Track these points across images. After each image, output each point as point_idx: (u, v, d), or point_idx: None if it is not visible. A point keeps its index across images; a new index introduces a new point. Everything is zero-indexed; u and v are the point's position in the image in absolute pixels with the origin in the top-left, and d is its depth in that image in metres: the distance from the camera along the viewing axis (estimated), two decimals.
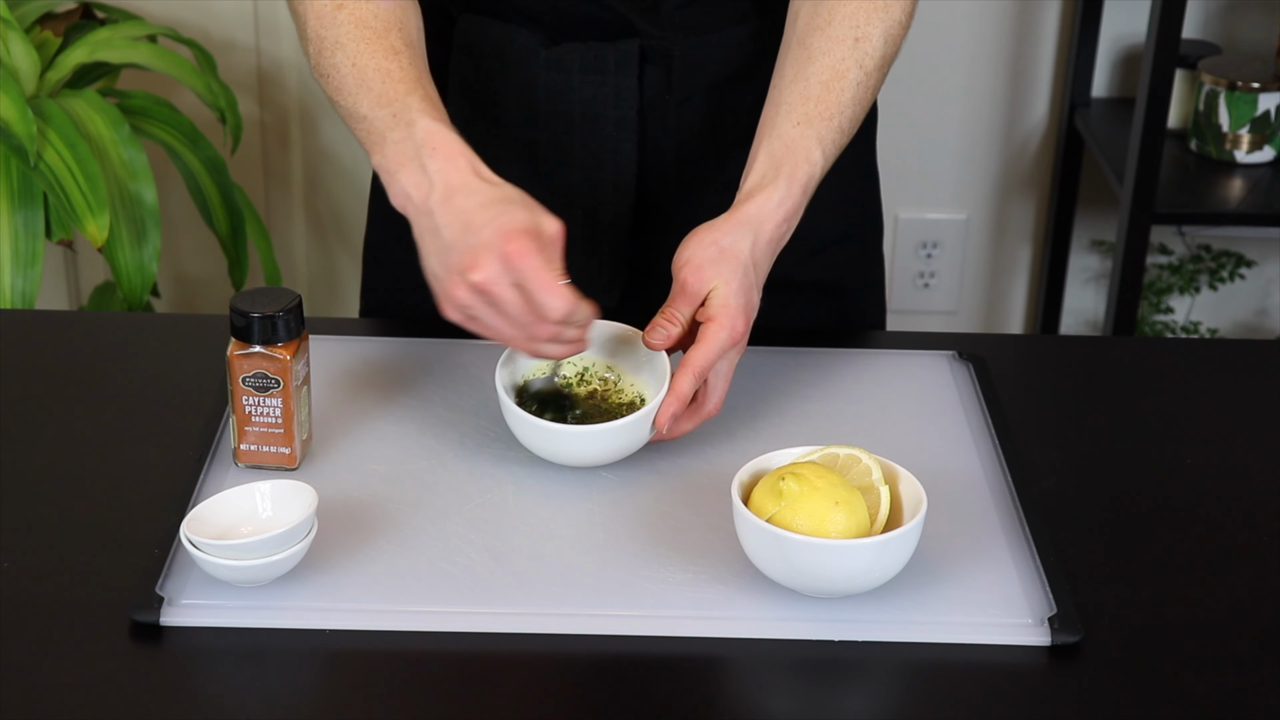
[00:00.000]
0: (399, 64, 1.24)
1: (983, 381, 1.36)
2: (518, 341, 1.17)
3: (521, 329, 1.16)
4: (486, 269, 1.13)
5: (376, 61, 1.24)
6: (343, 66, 1.25)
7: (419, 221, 1.18)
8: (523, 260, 1.12)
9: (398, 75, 1.23)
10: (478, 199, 1.16)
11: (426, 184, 1.17)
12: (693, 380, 1.20)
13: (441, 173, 1.17)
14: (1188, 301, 2.69)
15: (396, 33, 1.26)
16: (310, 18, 1.28)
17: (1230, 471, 1.28)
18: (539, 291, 1.13)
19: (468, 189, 1.17)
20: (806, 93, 1.27)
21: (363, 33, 1.26)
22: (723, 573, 1.13)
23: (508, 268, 1.12)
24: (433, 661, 1.07)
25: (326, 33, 1.27)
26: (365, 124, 1.23)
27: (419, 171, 1.18)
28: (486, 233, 1.13)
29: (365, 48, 1.25)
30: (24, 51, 2.07)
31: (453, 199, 1.16)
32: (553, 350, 1.19)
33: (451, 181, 1.17)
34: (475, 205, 1.15)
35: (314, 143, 2.57)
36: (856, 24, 1.28)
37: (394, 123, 1.21)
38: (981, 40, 2.56)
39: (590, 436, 1.20)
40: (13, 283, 1.97)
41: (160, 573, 1.11)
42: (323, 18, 1.27)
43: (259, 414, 1.20)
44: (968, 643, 1.08)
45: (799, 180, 1.24)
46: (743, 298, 1.21)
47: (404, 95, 1.22)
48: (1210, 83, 2.38)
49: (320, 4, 1.27)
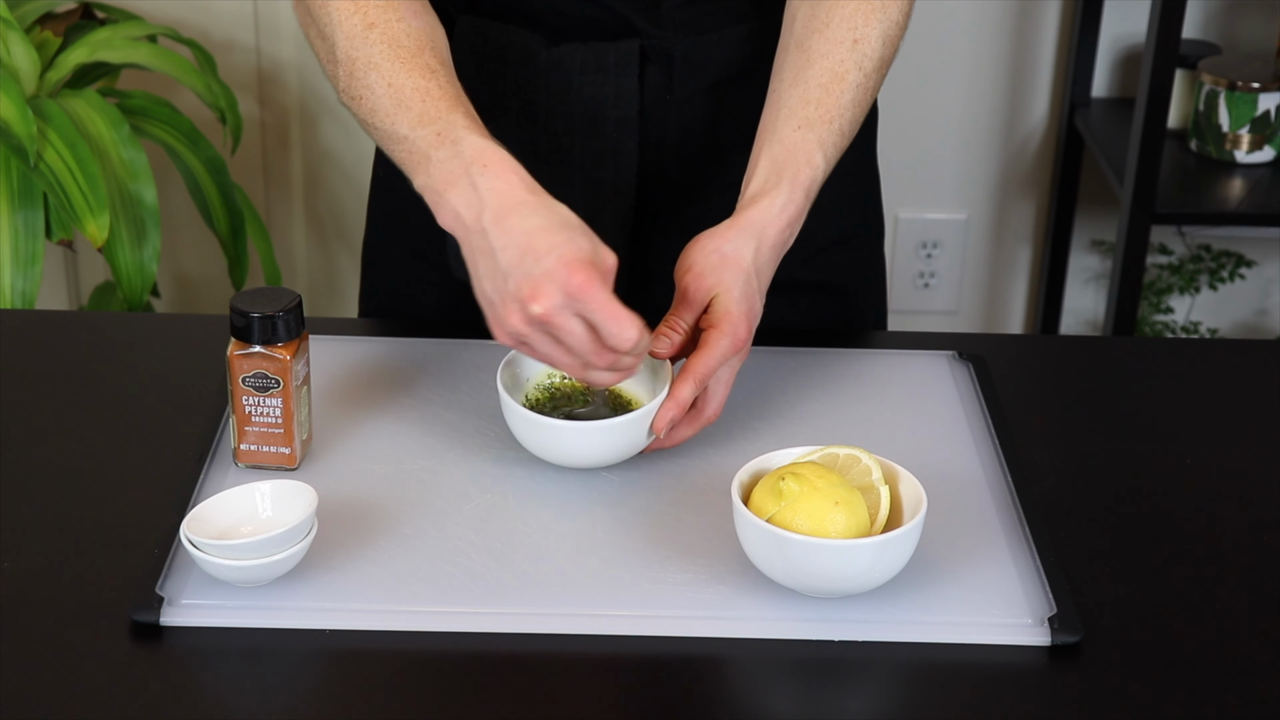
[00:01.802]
0: (437, 82, 1.21)
1: (983, 381, 1.36)
2: (571, 369, 1.16)
3: (580, 357, 1.14)
4: (551, 299, 1.11)
5: (414, 81, 1.21)
6: (378, 87, 1.22)
7: (470, 241, 1.16)
8: (588, 293, 1.10)
9: (437, 94, 1.21)
10: (537, 221, 1.13)
11: (478, 202, 1.15)
12: (693, 387, 1.20)
13: (493, 190, 1.15)
14: (1188, 301, 2.69)
15: (430, 51, 1.24)
16: (340, 39, 1.24)
17: (1230, 471, 1.28)
18: (609, 321, 1.11)
19: (523, 208, 1.14)
20: (806, 96, 1.26)
21: (397, 52, 1.23)
22: (723, 573, 1.13)
23: (571, 300, 1.11)
24: (433, 661, 1.07)
25: (358, 53, 1.23)
26: (406, 144, 1.20)
27: (469, 190, 1.15)
28: (549, 261, 1.11)
29: (401, 67, 1.22)
30: (24, 51, 2.07)
31: (507, 218, 1.14)
32: (604, 378, 1.17)
33: (504, 199, 1.14)
34: (535, 228, 1.13)
35: (314, 143, 2.57)
36: (854, 26, 1.28)
37: (438, 141, 1.18)
38: (981, 40, 2.56)
39: (587, 433, 1.20)
40: (13, 283, 1.97)
41: (160, 573, 1.11)
42: (353, 39, 1.24)
43: (259, 414, 1.20)
44: (968, 643, 1.08)
45: (801, 185, 1.24)
46: (745, 305, 1.21)
47: (446, 113, 1.19)
48: (1210, 83, 2.38)
49: (350, 24, 1.24)
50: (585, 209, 1.41)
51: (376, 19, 1.24)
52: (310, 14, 1.28)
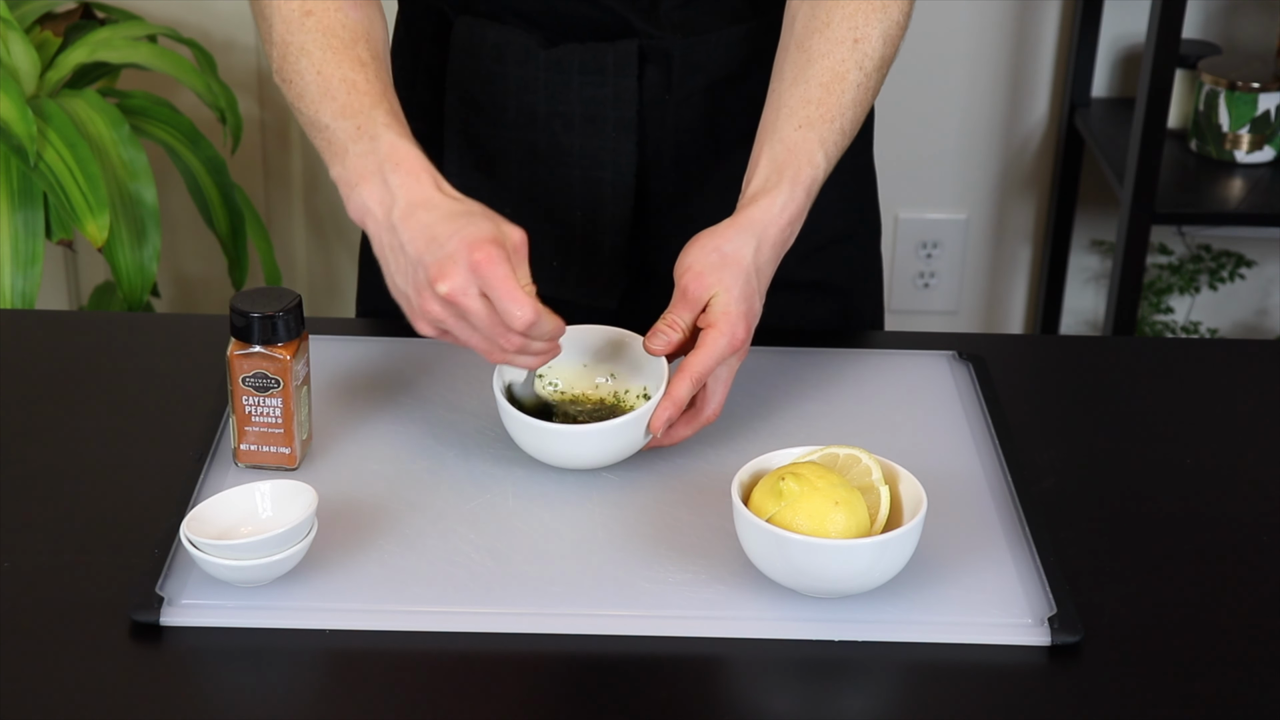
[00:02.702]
0: (365, 76, 1.23)
1: (983, 381, 1.36)
2: (489, 353, 1.17)
3: (490, 340, 1.15)
4: (454, 278, 1.12)
5: (342, 72, 1.23)
6: (307, 74, 1.24)
7: (380, 237, 1.18)
8: (489, 268, 1.11)
9: (363, 87, 1.22)
10: (440, 212, 1.15)
11: (389, 198, 1.17)
12: (690, 386, 1.20)
13: (404, 187, 1.17)
14: (1188, 301, 2.69)
15: (364, 44, 1.25)
16: (276, 21, 1.26)
17: (1230, 471, 1.28)
18: (503, 299, 1.12)
19: (430, 204, 1.16)
20: (807, 95, 1.26)
21: (330, 41, 1.24)
22: (723, 573, 1.13)
23: (475, 276, 1.12)
24: (433, 661, 1.07)
25: (292, 38, 1.25)
26: (327, 134, 1.22)
27: (381, 186, 1.17)
28: (452, 244, 1.13)
29: (331, 56, 1.24)
30: (24, 51, 2.07)
31: (415, 214, 1.16)
32: (523, 361, 1.18)
33: (414, 196, 1.16)
34: (438, 218, 1.15)
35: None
36: (855, 25, 1.28)
37: (357, 135, 1.20)
38: (981, 40, 2.56)
39: (583, 437, 1.20)
40: (13, 283, 1.97)
41: (160, 573, 1.11)
42: (289, 22, 1.26)
43: (259, 414, 1.20)
44: (968, 643, 1.08)
45: (802, 184, 1.24)
46: (744, 305, 1.21)
47: (369, 108, 1.21)
48: (1210, 83, 2.38)
49: (287, 8, 1.26)
50: (583, 209, 1.42)
51: (314, 7, 1.26)
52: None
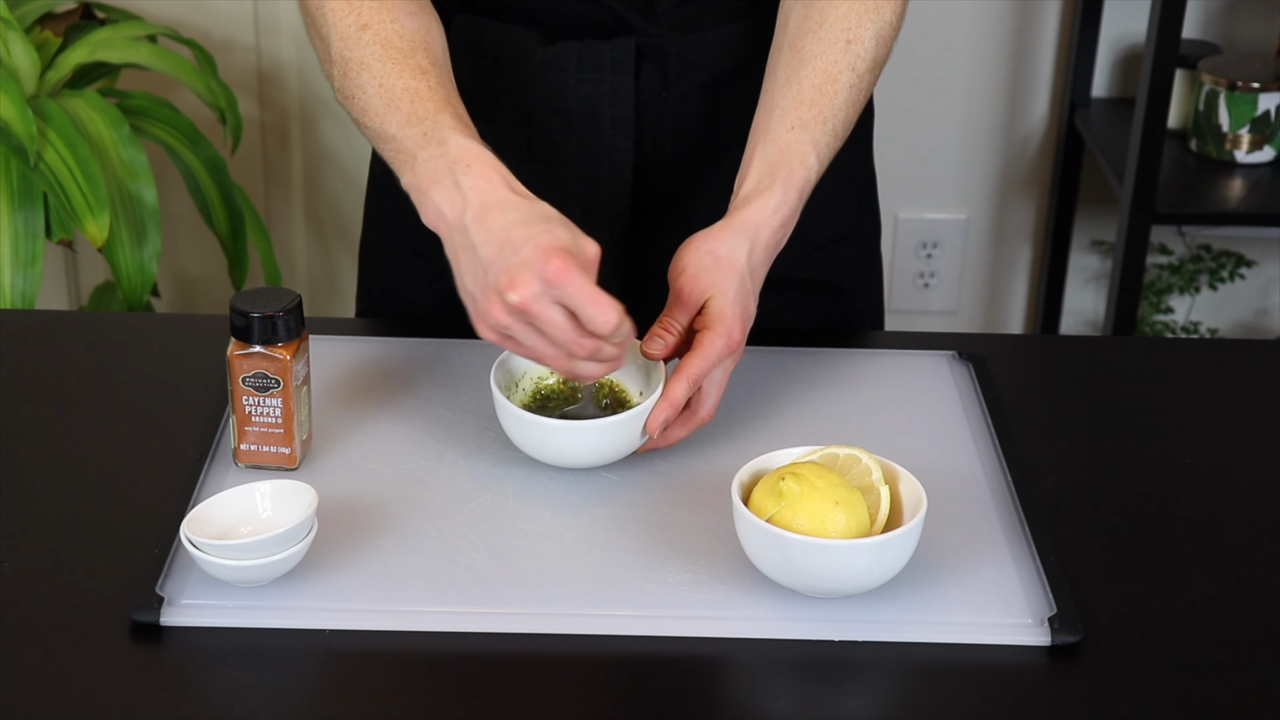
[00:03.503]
0: (427, 83, 1.23)
1: (983, 381, 1.36)
2: (555, 361, 1.16)
3: (562, 347, 1.14)
4: (527, 288, 1.11)
5: (404, 81, 1.23)
6: (369, 87, 1.23)
7: (453, 239, 1.17)
8: (565, 279, 1.10)
9: (426, 94, 1.22)
10: (515, 215, 1.14)
11: (461, 201, 1.16)
12: (686, 388, 1.20)
13: (476, 189, 1.16)
14: (1188, 301, 2.69)
15: (423, 52, 1.25)
16: (334, 39, 1.26)
17: (1230, 471, 1.28)
18: (587, 305, 1.11)
19: (503, 205, 1.15)
20: (800, 96, 1.26)
21: (389, 53, 1.24)
22: (723, 573, 1.13)
23: (549, 287, 1.11)
24: (433, 661, 1.07)
25: (351, 54, 1.25)
26: (394, 144, 1.22)
27: (453, 189, 1.16)
28: (526, 251, 1.11)
29: (392, 68, 1.23)
30: (24, 51, 2.07)
31: (488, 215, 1.14)
32: (588, 369, 1.17)
33: (486, 198, 1.15)
34: (513, 222, 1.14)
35: (314, 143, 2.57)
36: (848, 26, 1.28)
37: (425, 141, 1.19)
38: (981, 40, 2.56)
39: (579, 432, 1.20)
40: (13, 283, 1.97)
41: (160, 573, 1.11)
42: (347, 39, 1.25)
43: (259, 414, 1.20)
44: (968, 643, 1.08)
45: (795, 185, 1.24)
46: (739, 306, 1.21)
47: (434, 114, 1.20)
48: (1210, 83, 2.38)
49: (344, 25, 1.26)
50: (581, 207, 1.42)
51: (370, 20, 1.25)
52: (308, 14, 1.29)
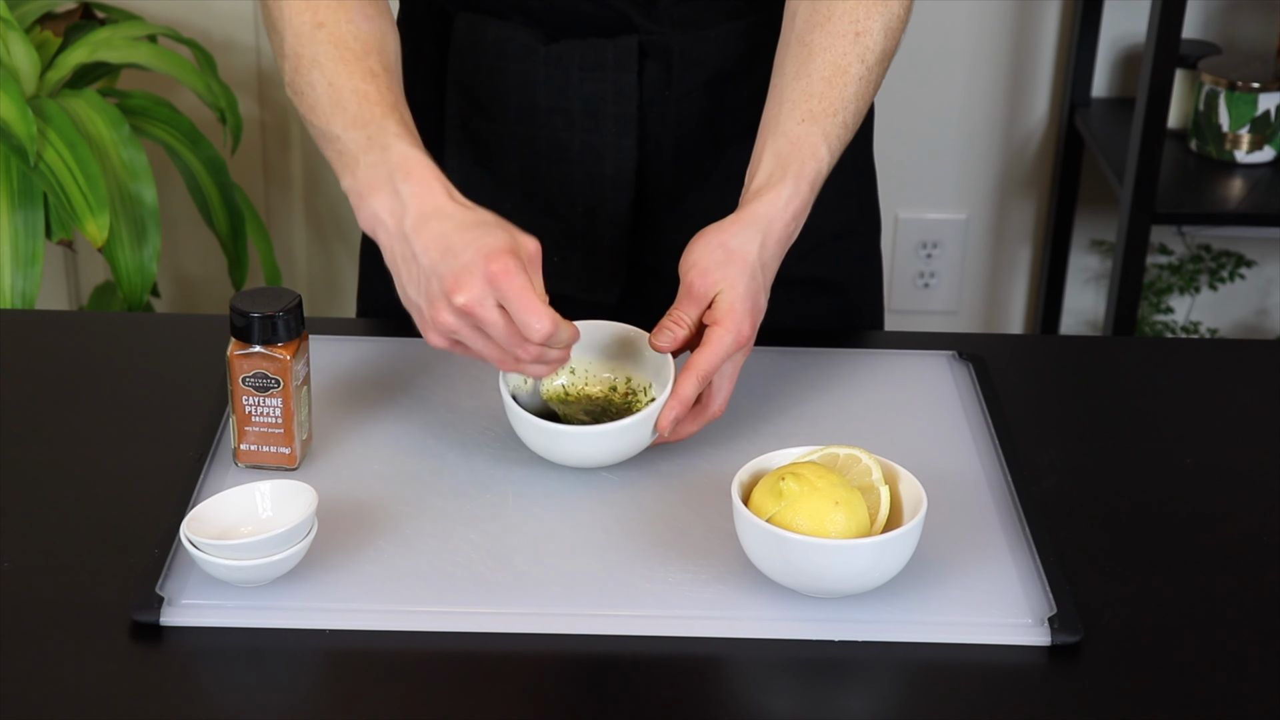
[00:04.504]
0: (376, 87, 1.23)
1: (983, 381, 1.36)
2: (502, 362, 1.17)
3: (506, 350, 1.16)
4: (471, 290, 1.12)
5: (353, 83, 1.23)
6: (318, 85, 1.24)
7: (393, 247, 1.18)
8: (506, 280, 1.12)
9: (374, 98, 1.22)
10: (454, 222, 1.15)
11: (400, 208, 1.17)
12: (696, 384, 1.20)
13: (415, 197, 1.17)
14: (1188, 301, 2.69)
15: (375, 56, 1.25)
16: (288, 34, 1.26)
17: (1230, 471, 1.28)
18: (522, 312, 1.12)
19: (442, 213, 1.16)
20: (809, 89, 1.26)
21: (341, 53, 1.24)
22: (723, 573, 1.13)
23: (492, 287, 1.12)
24: (433, 661, 1.07)
25: (304, 50, 1.25)
26: (338, 145, 1.22)
27: (392, 196, 1.17)
28: (468, 254, 1.13)
29: (343, 68, 1.24)
30: (24, 51, 2.07)
31: (427, 224, 1.15)
32: (536, 370, 1.18)
33: (425, 206, 1.16)
34: (452, 228, 1.15)
35: (314, 143, 2.56)
36: (856, 19, 1.28)
37: (368, 145, 1.20)
38: (981, 40, 2.56)
39: (590, 438, 1.20)
40: (13, 283, 1.97)
41: (160, 573, 1.11)
42: (301, 35, 1.26)
43: (259, 414, 1.20)
44: (968, 643, 1.08)
45: (806, 177, 1.24)
46: (749, 301, 1.21)
47: (380, 118, 1.21)
48: (1210, 83, 2.38)
49: (299, 21, 1.26)
50: (583, 205, 1.42)
51: (326, 18, 1.26)
52: (265, 6, 1.30)
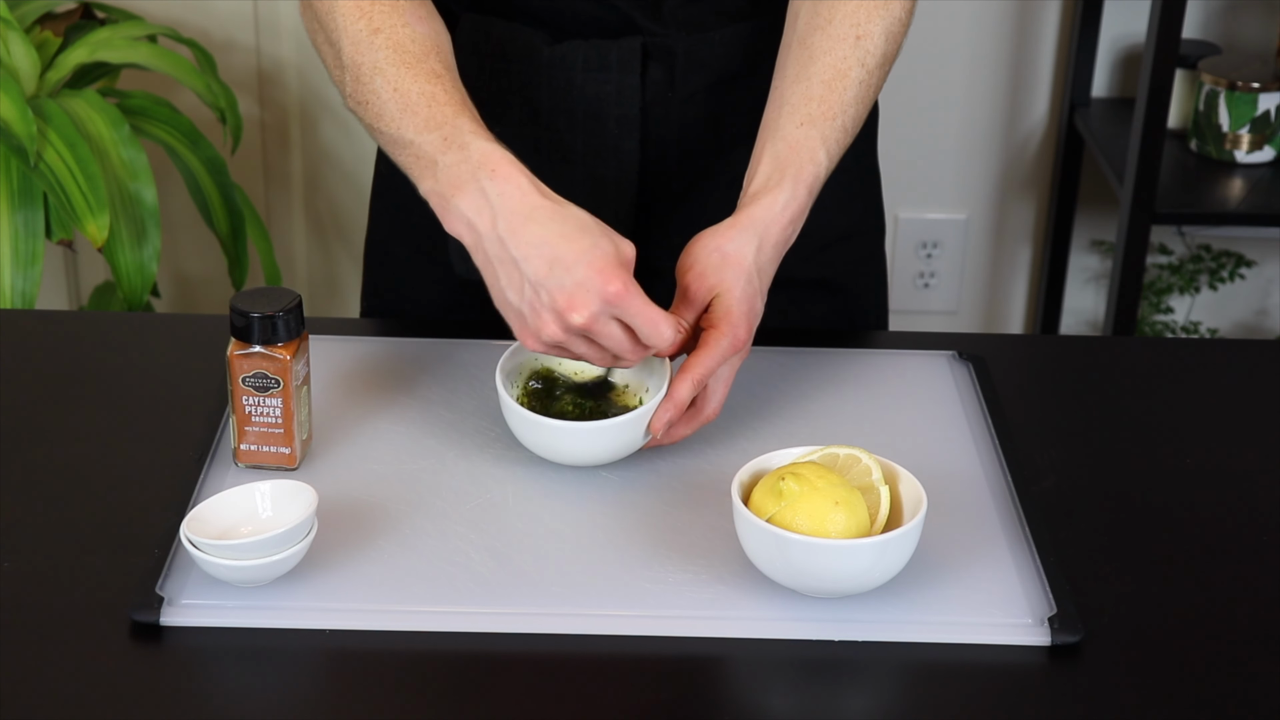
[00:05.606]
0: (442, 87, 1.22)
1: (983, 381, 1.36)
2: (602, 362, 1.19)
3: (620, 356, 1.18)
4: (587, 309, 1.13)
5: (419, 85, 1.22)
6: (383, 92, 1.22)
7: (485, 249, 1.16)
8: (627, 300, 1.13)
9: (443, 98, 1.21)
10: (555, 228, 1.15)
11: (489, 209, 1.16)
12: (691, 387, 1.20)
13: (504, 196, 1.16)
14: (1188, 301, 2.70)
15: (435, 56, 1.24)
16: (345, 43, 1.25)
17: (1230, 471, 1.28)
18: (647, 326, 1.15)
19: (537, 214, 1.15)
20: (809, 92, 1.26)
21: (402, 57, 1.23)
22: (723, 573, 1.13)
23: (610, 305, 1.13)
24: (433, 661, 1.07)
25: (363, 58, 1.24)
26: (412, 149, 1.21)
27: (479, 195, 1.16)
28: (580, 271, 1.13)
29: (406, 72, 1.22)
30: (24, 51, 2.07)
31: (524, 226, 1.15)
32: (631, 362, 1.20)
33: (516, 206, 1.15)
34: (555, 235, 1.14)
35: (314, 143, 2.57)
36: (857, 22, 1.28)
37: (445, 146, 1.18)
38: (981, 40, 2.56)
39: (583, 433, 1.20)
40: (13, 283, 1.97)
41: (160, 573, 1.11)
42: (359, 43, 1.24)
43: (259, 414, 1.20)
44: (968, 643, 1.08)
45: (804, 182, 1.24)
46: (746, 305, 1.21)
47: (452, 118, 1.20)
48: (1210, 83, 2.38)
49: (355, 29, 1.25)
50: (587, 206, 1.42)
51: (381, 24, 1.24)
52: (317, 20, 1.28)
